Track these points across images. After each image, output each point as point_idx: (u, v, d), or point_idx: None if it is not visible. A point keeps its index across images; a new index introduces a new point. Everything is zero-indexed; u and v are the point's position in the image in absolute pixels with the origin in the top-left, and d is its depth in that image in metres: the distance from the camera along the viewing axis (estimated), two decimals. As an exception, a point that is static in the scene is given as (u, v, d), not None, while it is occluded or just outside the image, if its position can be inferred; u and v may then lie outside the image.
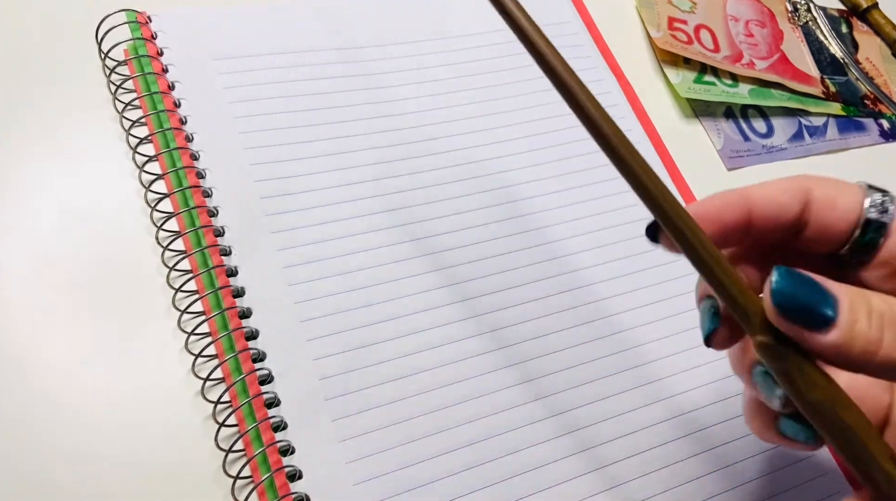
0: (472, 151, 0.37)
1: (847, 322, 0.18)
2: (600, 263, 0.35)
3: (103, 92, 0.34)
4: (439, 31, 0.40)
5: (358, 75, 0.37)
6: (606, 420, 0.31)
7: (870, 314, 0.18)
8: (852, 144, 0.45)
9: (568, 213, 0.36)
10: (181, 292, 0.30)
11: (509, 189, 0.36)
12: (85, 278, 0.30)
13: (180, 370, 0.29)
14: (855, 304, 0.19)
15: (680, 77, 0.43)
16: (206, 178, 0.32)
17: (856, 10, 0.52)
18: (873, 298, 0.19)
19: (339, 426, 0.29)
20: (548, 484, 0.29)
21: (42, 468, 0.26)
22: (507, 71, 0.40)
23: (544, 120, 0.39)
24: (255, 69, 0.36)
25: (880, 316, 0.18)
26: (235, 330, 0.29)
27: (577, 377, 0.32)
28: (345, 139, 0.35)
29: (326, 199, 0.33)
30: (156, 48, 0.35)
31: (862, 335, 0.18)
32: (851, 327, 0.18)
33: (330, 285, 0.31)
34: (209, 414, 0.28)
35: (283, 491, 0.27)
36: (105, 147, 0.33)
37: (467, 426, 0.30)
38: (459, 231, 0.34)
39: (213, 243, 0.31)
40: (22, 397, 0.28)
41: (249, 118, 0.34)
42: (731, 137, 0.43)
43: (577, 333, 0.33)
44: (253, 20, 0.37)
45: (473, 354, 0.31)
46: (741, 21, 0.47)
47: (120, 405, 0.28)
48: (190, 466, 0.27)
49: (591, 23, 0.43)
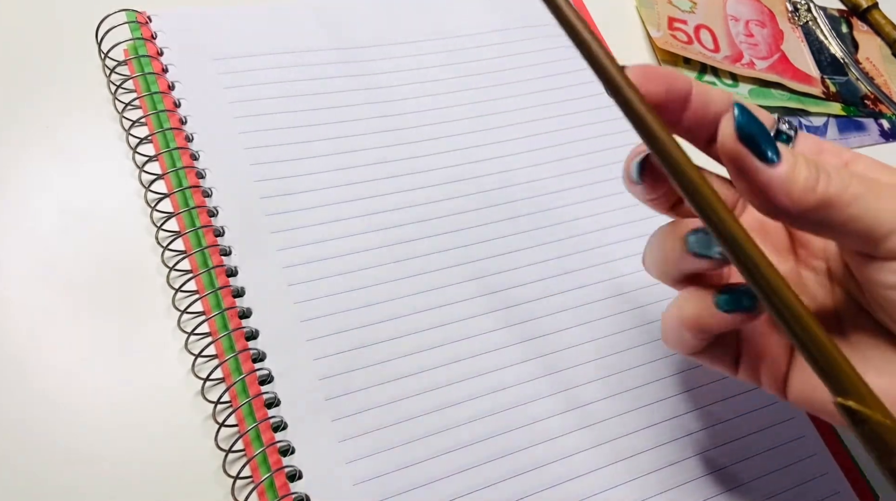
0: (472, 151, 0.37)
1: (790, 161, 0.20)
2: (601, 262, 0.35)
3: (103, 92, 0.34)
4: (439, 31, 0.40)
5: (358, 75, 0.37)
6: (607, 420, 0.31)
7: (806, 161, 0.21)
8: (852, 144, 0.45)
9: (568, 213, 0.36)
10: (181, 292, 0.30)
11: (509, 189, 0.36)
12: (85, 278, 0.30)
13: (180, 370, 0.29)
14: (794, 153, 0.21)
15: (680, 77, 0.43)
16: (206, 178, 0.32)
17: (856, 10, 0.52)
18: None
19: (339, 426, 0.29)
20: (548, 484, 0.29)
21: (42, 468, 0.26)
22: (507, 71, 0.40)
23: (544, 120, 0.39)
24: (255, 69, 0.36)
25: (815, 163, 0.21)
26: (235, 330, 0.29)
27: (576, 377, 0.32)
28: (345, 139, 0.35)
29: (326, 199, 0.33)
30: (156, 48, 0.35)
31: (802, 172, 0.20)
32: (794, 165, 0.20)
33: (330, 285, 0.31)
34: (209, 414, 0.28)
35: (283, 491, 0.27)
36: (105, 147, 0.33)
37: (468, 426, 0.30)
38: (459, 231, 0.34)
39: (213, 243, 0.31)
40: (22, 397, 0.28)
41: (249, 118, 0.34)
42: (731, 137, 0.43)
43: (577, 332, 0.33)
44: (253, 20, 0.37)
45: (473, 354, 0.31)
46: (741, 21, 0.47)
47: (120, 405, 0.28)
48: (190, 466, 0.27)
49: (591, 23, 0.43)
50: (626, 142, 0.39)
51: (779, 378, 0.25)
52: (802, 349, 0.20)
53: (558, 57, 0.41)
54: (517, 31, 0.41)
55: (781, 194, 0.20)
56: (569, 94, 0.40)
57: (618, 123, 0.40)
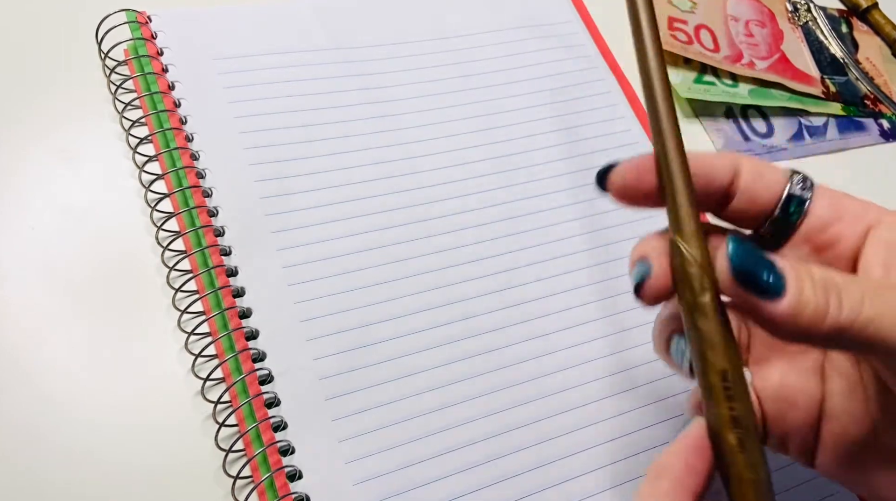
0: (471, 151, 0.37)
1: (796, 290, 0.19)
2: (602, 262, 0.35)
3: (103, 92, 0.34)
4: (439, 31, 0.40)
5: (358, 75, 0.37)
6: (607, 420, 0.31)
7: (813, 282, 0.19)
8: (852, 144, 0.45)
9: (568, 213, 0.36)
10: (181, 292, 0.30)
11: (509, 189, 0.36)
12: (85, 278, 0.30)
13: (180, 370, 0.29)
14: (799, 273, 0.19)
15: (680, 77, 0.43)
16: (206, 178, 0.32)
17: (856, 10, 0.52)
18: (812, 267, 0.20)
19: (339, 426, 0.29)
20: (548, 484, 0.29)
21: (42, 468, 0.26)
22: (507, 71, 0.40)
23: (544, 120, 0.39)
24: (255, 69, 0.36)
25: (823, 283, 0.19)
26: (235, 330, 0.29)
27: (578, 376, 0.32)
28: (344, 139, 0.35)
29: (326, 199, 0.33)
30: (156, 48, 0.35)
31: (810, 301, 0.19)
32: (800, 294, 0.19)
33: (330, 285, 0.31)
34: (209, 414, 0.28)
35: (283, 491, 0.27)
36: (105, 147, 0.33)
37: (467, 426, 0.30)
38: (459, 231, 0.34)
39: (213, 243, 0.31)
40: (22, 397, 0.27)
41: (249, 118, 0.34)
42: (732, 137, 0.43)
43: (578, 331, 0.33)
44: (253, 20, 0.37)
45: (474, 354, 0.31)
46: (741, 21, 0.47)
47: (120, 405, 0.28)
48: (190, 466, 0.27)
49: (591, 23, 0.43)
50: (626, 142, 0.39)
51: (807, 453, 0.24)
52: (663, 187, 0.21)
53: (558, 57, 0.41)
54: (517, 32, 0.41)
55: (789, 327, 0.19)
56: (569, 94, 0.40)
57: (618, 123, 0.40)
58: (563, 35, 0.42)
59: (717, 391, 0.20)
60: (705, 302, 0.20)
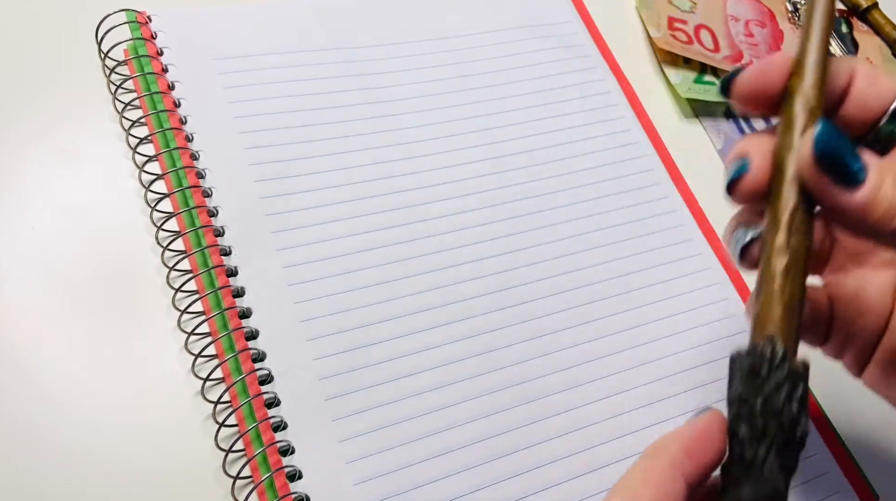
0: (471, 151, 0.37)
1: (874, 184, 0.19)
2: (602, 262, 0.35)
3: (103, 92, 0.34)
4: (439, 31, 0.40)
5: (358, 75, 0.37)
6: (608, 419, 0.31)
7: (894, 181, 0.19)
8: (852, 144, 0.45)
9: (568, 213, 0.36)
10: (181, 292, 0.30)
11: (509, 189, 0.36)
12: (85, 278, 0.30)
13: (180, 370, 0.29)
14: (883, 169, 0.19)
15: (680, 77, 0.43)
16: (206, 178, 0.32)
17: (856, 10, 0.52)
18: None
19: (339, 426, 0.29)
20: (548, 484, 0.29)
21: (42, 468, 0.26)
22: (507, 71, 0.40)
23: (544, 120, 0.39)
24: (255, 69, 0.36)
25: None
26: (235, 330, 0.29)
27: (580, 376, 0.32)
28: (344, 139, 0.35)
29: (326, 199, 0.33)
30: (156, 48, 0.35)
31: (886, 198, 0.19)
32: (877, 189, 0.19)
33: (330, 285, 0.31)
34: (209, 414, 0.28)
35: (282, 491, 0.27)
36: (105, 147, 0.33)
37: (467, 426, 0.30)
38: (459, 231, 0.34)
39: (213, 243, 0.31)
40: (22, 397, 0.28)
41: (249, 118, 0.34)
42: (732, 137, 0.43)
43: (578, 331, 0.33)
44: (253, 20, 0.37)
45: (474, 353, 0.31)
46: (741, 21, 0.47)
47: (120, 405, 0.28)
48: (190, 466, 0.27)
49: (591, 23, 0.43)
50: (626, 142, 0.39)
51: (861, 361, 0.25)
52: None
53: (558, 57, 0.41)
54: (517, 32, 0.41)
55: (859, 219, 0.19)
56: (568, 94, 0.40)
57: (618, 123, 0.40)
58: (563, 35, 0.42)
59: (781, 215, 0.20)
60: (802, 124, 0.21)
